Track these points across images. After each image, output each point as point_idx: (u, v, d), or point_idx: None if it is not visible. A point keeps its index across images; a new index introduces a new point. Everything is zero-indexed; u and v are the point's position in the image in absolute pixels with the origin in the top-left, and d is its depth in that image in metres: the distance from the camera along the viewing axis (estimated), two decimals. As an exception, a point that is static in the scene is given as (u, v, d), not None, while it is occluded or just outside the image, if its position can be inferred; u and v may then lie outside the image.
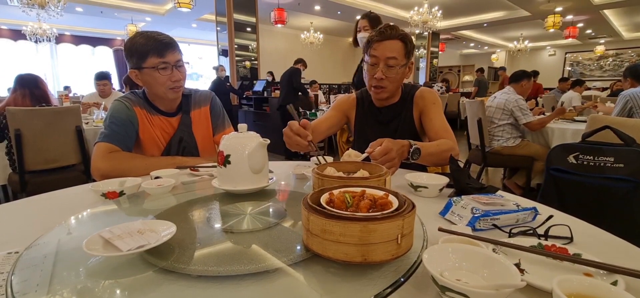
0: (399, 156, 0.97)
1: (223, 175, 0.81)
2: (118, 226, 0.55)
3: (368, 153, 0.91)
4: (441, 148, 1.12)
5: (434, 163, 1.18)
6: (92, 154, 1.14)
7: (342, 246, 0.47)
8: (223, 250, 0.54)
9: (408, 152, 1.00)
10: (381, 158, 0.91)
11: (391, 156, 0.93)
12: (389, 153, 0.92)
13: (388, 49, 1.20)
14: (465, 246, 0.50)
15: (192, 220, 0.67)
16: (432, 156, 1.09)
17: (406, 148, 1.00)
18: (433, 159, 1.11)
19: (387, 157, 0.92)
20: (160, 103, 1.27)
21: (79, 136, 2.47)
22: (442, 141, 1.16)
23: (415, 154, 1.01)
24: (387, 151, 0.92)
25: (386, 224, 0.47)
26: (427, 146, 1.07)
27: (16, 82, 2.46)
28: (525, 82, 3.05)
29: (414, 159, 1.02)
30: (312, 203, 0.53)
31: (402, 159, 1.00)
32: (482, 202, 0.71)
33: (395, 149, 0.94)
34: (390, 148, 0.92)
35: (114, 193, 0.84)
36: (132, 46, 1.17)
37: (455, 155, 1.15)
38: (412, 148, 1.00)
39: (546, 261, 0.53)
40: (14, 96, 2.42)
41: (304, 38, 10.20)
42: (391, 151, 0.92)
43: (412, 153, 1.00)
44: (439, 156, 1.12)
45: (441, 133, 1.22)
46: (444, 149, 1.12)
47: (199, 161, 1.26)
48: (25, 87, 2.44)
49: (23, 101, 2.38)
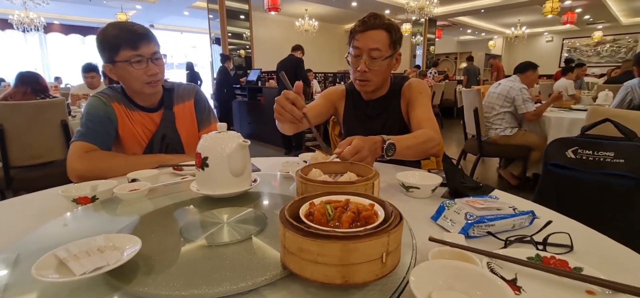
0: (372, 154, 0.89)
1: (201, 178, 0.76)
2: (77, 242, 0.50)
3: (336, 154, 0.83)
4: (419, 140, 1.04)
5: (413, 157, 1.08)
6: (68, 154, 1.08)
7: (320, 266, 0.43)
8: (194, 269, 0.49)
9: (382, 149, 0.92)
10: (351, 158, 0.82)
11: (362, 155, 0.84)
12: (360, 152, 0.84)
13: (371, 39, 1.13)
14: (457, 264, 0.45)
15: (163, 231, 0.62)
16: (410, 149, 1.01)
17: (379, 145, 0.91)
18: (411, 152, 1.02)
19: (358, 157, 0.83)
20: (139, 98, 1.20)
21: (64, 131, 2.40)
22: (420, 132, 1.08)
23: (389, 150, 0.92)
24: (358, 150, 0.83)
25: (369, 242, 0.42)
26: (404, 140, 0.99)
27: (17, 79, 2.48)
28: (531, 73, 3.02)
29: (389, 156, 0.94)
30: (289, 216, 0.48)
31: (375, 157, 0.92)
32: (477, 206, 0.67)
33: (367, 147, 0.86)
34: (361, 146, 0.84)
35: (86, 198, 0.79)
36: (103, 39, 1.09)
37: (436, 146, 1.08)
38: (386, 144, 0.91)
39: (545, 275, 0.49)
40: (14, 91, 2.45)
41: (298, 26, 10.01)
42: (362, 149, 0.84)
43: (386, 149, 0.92)
44: (417, 148, 1.04)
45: (422, 122, 1.15)
46: (422, 141, 1.04)
47: (184, 158, 1.21)
48: (26, 84, 2.46)
49: (23, 98, 2.41)
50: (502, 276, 0.48)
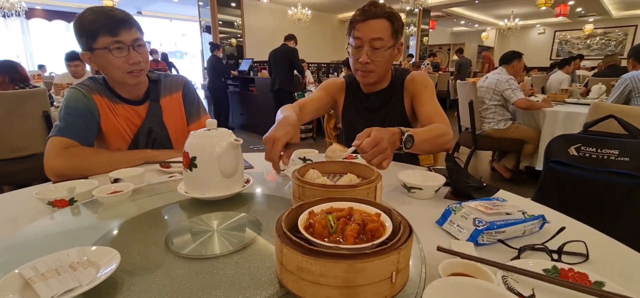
0: (391, 146, 0.83)
1: (189, 180, 0.70)
2: (46, 258, 0.44)
3: (355, 146, 0.78)
4: (434, 134, 1.01)
5: (428, 151, 1.07)
6: (45, 151, 1.00)
7: (322, 288, 0.38)
8: (180, 288, 0.44)
9: (400, 140, 0.87)
10: (371, 151, 0.76)
11: (382, 147, 0.78)
12: (379, 144, 0.77)
13: (373, 29, 1.08)
14: (472, 282, 0.41)
15: (147, 241, 0.56)
16: (426, 142, 0.97)
17: (398, 136, 0.86)
18: (427, 146, 0.99)
19: (378, 148, 0.77)
20: (123, 90, 1.12)
21: (47, 122, 2.29)
22: (435, 126, 1.05)
23: (408, 142, 0.88)
24: (378, 142, 0.77)
25: (378, 261, 0.37)
26: (420, 133, 0.95)
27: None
28: (516, 62, 3.01)
29: (407, 148, 0.89)
30: (286, 228, 0.43)
31: (394, 149, 0.86)
32: (485, 211, 0.63)
33: (386, 139, 0.79)
34: (381, 138, 0.78)
35: (62, 201, 0.72)
36: (80, 24, 1.00)
37: (450, 141, 1.05)
38: (405, 136, 0.87)
39: (565, 290, 0.45)
40: None
41: (291, 14, 9.80)
42: (382, 140, 0.78)
43: (405, 140, 0.87)
44: (433, 142, 1.00)
45: (433, 117, 1.12)
46: (437, 135, 1.01)
47: (172, 154, 1.14)
48: (3, 73, 2.35)
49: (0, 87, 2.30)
50: (519, 292, 0.44)
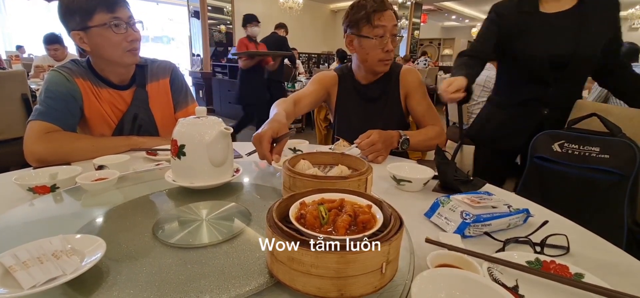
0: (386, 146, 1.03)
1: (177, 168, 0.69)
2: (28, 246, 0.43)
3: (356, 144, 1.00)
4: (429, 136, 1.16)
5: (423, 150, 1.27)
6: (25, 136, 0.97)
7: (313, 279, 0.38)
8: (168, 278, 0.43)
9: (397, 142, 1.06)
10: (368, 149, 0.99)
11: (377, 147, 1.00)
12: (375, 144, 0.99)
13: (392, 18, 1.17)
14: (459, 273, 0.42)
15: (133, 230, 0.55)
16: (420, 144, 1.14)
17: (395, 138, 1.06)
18: (421, 147, 1.16)
19: (374, 147, 1.00)
20: (111, 73, 1.08)
21: (26, 105, 2.20)
22: (430, 129, 1.19)
23: (404, 144, 1.07)
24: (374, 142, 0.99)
25: (369, 252, 0.38)
26: (416, 135, 1.12)
27: None
28: None
29: (403, 149, 1.08)
30: (278, 219, 0.42)
31: (390, 149, 1.06)
32: (472, 204, 0.64)
33: (382, 140, 1.01)
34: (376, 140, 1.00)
35: (44, 187, 0.70)
36: (72, 2, 0.96)
37: (443, 142, 1.20)
38: (402, 138, 1.06)
39: (546, 281, 0.47)
40: None
41: (282, 2, 9.65)
42: (376, 142, 1.00)
43: (402, 142, 1.07)
44: (428, 143, 1.15)
45: (428, 118, 1.24)
46: (431, 137, 1.15)
47: (159, 141, 1.12)
48: None
49: None
50: (503, 283, 0.45)
